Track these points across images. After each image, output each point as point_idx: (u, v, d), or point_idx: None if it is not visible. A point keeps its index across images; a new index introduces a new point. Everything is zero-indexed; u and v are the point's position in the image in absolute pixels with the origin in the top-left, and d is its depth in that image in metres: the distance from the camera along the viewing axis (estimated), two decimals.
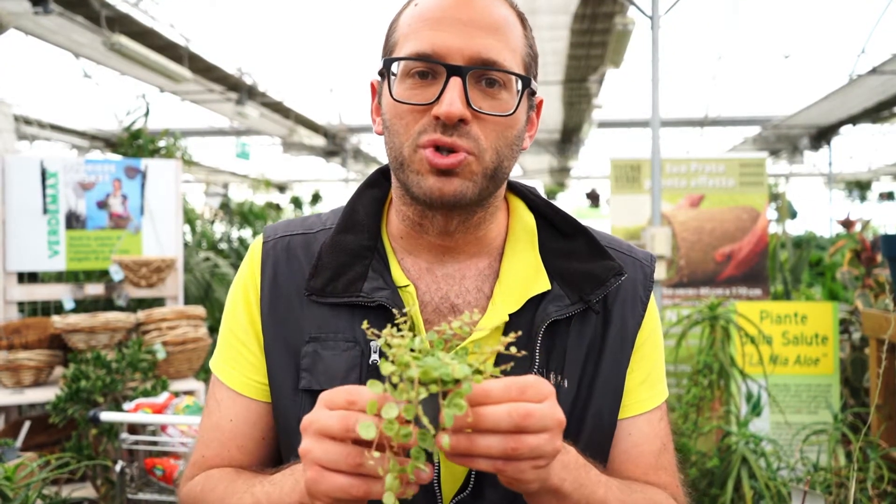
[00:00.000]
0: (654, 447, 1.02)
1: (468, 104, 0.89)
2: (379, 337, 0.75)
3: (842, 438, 2.68)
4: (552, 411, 0.71)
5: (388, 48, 0.97)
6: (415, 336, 0.74)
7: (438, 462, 0.95)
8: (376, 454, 0.67)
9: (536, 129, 1.05)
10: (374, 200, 1.06)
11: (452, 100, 0.87)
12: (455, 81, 0.88)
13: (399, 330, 0.76)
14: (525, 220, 1.06)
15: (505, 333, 0.98)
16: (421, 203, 0.94)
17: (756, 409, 3.05)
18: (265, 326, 1.02)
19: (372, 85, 1.03)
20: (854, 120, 13.52)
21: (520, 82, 0.93)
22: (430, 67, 0.90)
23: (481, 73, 0.90)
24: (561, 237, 1.05)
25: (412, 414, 0.67)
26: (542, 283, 1.00)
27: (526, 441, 0.69)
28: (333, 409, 0.71)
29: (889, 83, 10.42)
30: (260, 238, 1.08)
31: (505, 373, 0.94)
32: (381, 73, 0.97)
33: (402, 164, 0.93)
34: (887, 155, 17.87)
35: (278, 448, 1.06)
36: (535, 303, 0.98)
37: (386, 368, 0.69)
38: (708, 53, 10.40)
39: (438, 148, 0.90)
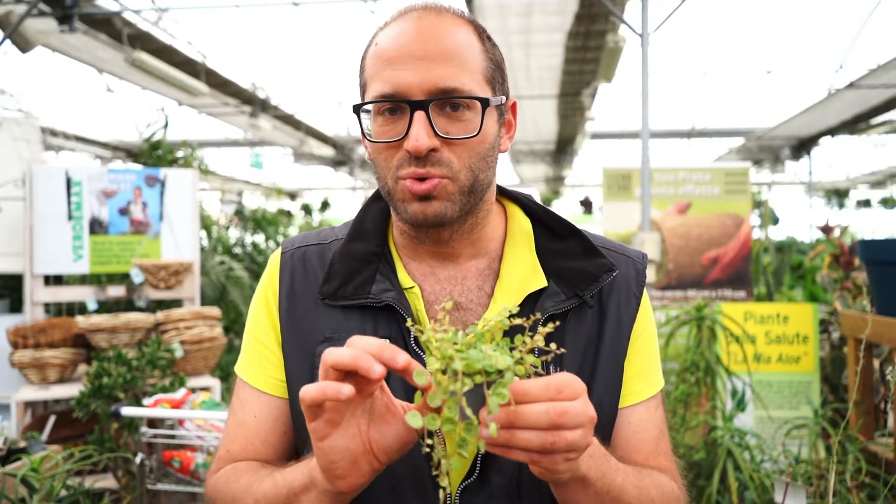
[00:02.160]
0: (652, 434, 1.04)
1: (435, 133, 0.91)
2: (422, 333, 0.76)
3: (822, 432, 2.68)
4: (585, 408, 0.73)
5: (361, 87, 1.00)
6: (457, 331, 0.74)
7: (446, 448, 0.95)
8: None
9: (515, 129, 1.06)
10: (380, 212, 1.09)
11: (419, 134, 0.90)
12: (419, 115, 0.90)
13: (437, 325, 0.77)
14: (521, 223, 1.08)
15: (505, 330, 0.99)
16: (410, 225, 0.98)
17: (741, 405, 3.05)
18: (283, 329, 1.04)
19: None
20: (833, 131, 13.52)
21: (480, 103, 0.94)
22: (396, 105, 0.92)
23: (442, 102, 0.92)
24: (555, 238, 1.06)
25: (455, 408, 0.68)
26: (539, 281, 1.01)
27: (562, 436, 0.71)
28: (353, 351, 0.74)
29: (866, 97, 10.42)
30: (279, 250, 1.11)
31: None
32: (356, 114, 0.99)
33: (389, 194, 0.97)
34: (864, 164, 17.88)
35: None
36: (532, 299, 1.00)
37: (432, 363, 0.69)
38: (695, 69, 10.41)
39: (418, 178, 0.93)
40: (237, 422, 1.06)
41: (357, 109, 0.96)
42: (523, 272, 1.02)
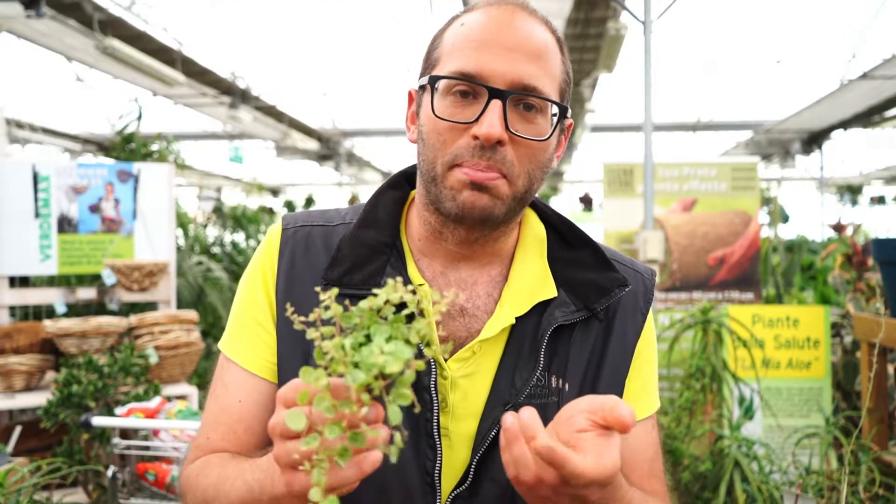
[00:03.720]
0: (648, 454, 1.06)
1: (506, 127, 0.92)
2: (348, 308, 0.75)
3: (833, 442, 2.69)
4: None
5: (431, 62, 1.00)
6: (350, 332, 0.72)
7: (440, 454, 0.97)
8: (306, 444, 0.67)
9: (564, 150, 1.08)
10: (395, 201, 1.09)
11: (492, 122, 0.91)
12: (496, 104, 0.92)
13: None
14: (536, 229, 1.09)
15: (510, 335, 1.01)
16: (450, 217, 0.97)
17: (748, 413, 3.06)
18: (279, 311, 1.03)
19: (410, 94, 1.06)
20: (845, 125, 13.59)
21: (556, 108, 0.96)
22: (472, 88, 0.93)
23: (520, 97, 0.93)
24: (569, 248, 1.08)
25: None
26: (550, 290, 1.03)
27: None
28: (290, 407, 0.72)
29: (880, 88, 10.48)
30: (279, 225, 1.10)
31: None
32: (422, 87, 1.00)
33: (435, 179, 0.97)
34: (878, 159, 17.98)
35: None
36: (541, 308, 1.01)
37: (313, 376, 0.68)
38: (700, 58, 10.45)
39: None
40: (219, 407, 1.04)
41: (434, 81, 0.96)
42: (533, 279, 1.04)
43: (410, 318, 0.75)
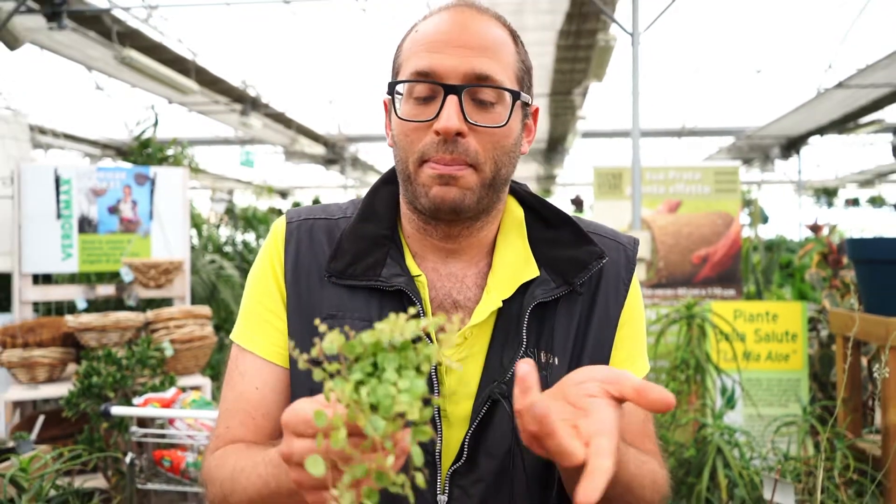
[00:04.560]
0: (639, 417, 1.05)
1: (465, 119, 0.92)
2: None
3: (810, 430, 2.70)
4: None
5: (395, 71, 1.01)
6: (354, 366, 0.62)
7: (441, 435, 0.97)
8: (335, 492, 0.60)
9: (534, 135, 1.07)
10: (390, 195, 1.08)
11: (449, 115, 0.91)
12: (452, 99, 0.92)
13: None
14: (515, 213, 1.09)
15: (498, 318, 1.00)
16: (426, 213, 0.98)
17: (730, 403, 3.06)
18: (289, 299, 1.03)
19: (384, 103, 1.06)
20: (822, 131, 13.60)
21: (510, 96, 0.96)
22: (430, 88, 0.94)
23: (476, 89, 0.93)
24: (548, 227, 1.07)
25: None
26: (532, 270, 1.02)
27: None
28: (301, 438, 0.67)
29: (854, 96, 10.49)
30: (283, 219, 1.09)
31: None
32: (389, 94, 1.00)
33: (409, 177, 0.97)
34: (853, 163, 17.99)
35: None
36: (524, 289, 1.01)
37: (324, 420, 0.60)
38: (685, 68, 10.45)
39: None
40: (236, 395, 1.02)
41: (392, 87, 0.97)
42: (516, 262, 1.03)
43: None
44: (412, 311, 0.67)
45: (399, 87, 0.97)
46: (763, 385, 3.23)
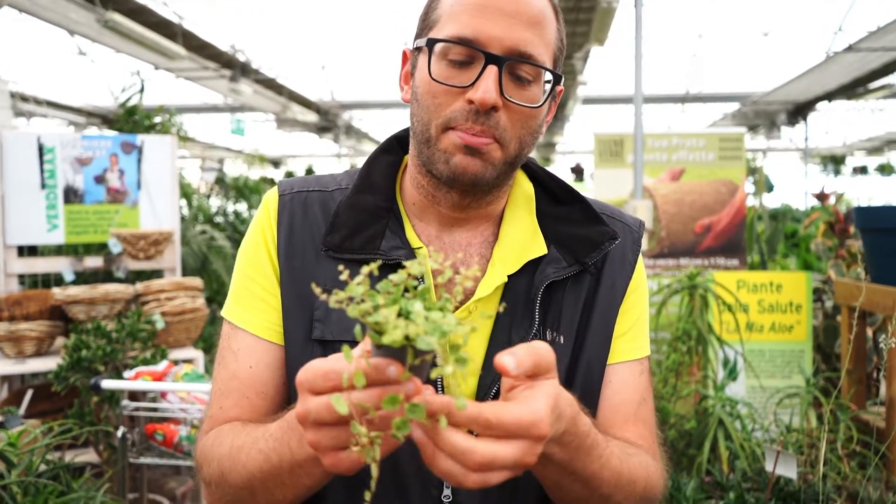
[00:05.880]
0: (633, 398, 1.04)
1: (501, 93, 0.91)
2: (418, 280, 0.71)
3: (813, 401, 2.72)
4: (516, 449, 0.67)
5: (428, 23, 0.98)
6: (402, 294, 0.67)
7: None
8: (362, 431, 0.63)
9: (553, 116, 1.06)
10: (389, 165, 1.07)
11: (488, 88, 0.89)
12: (492, 70, 0.90)
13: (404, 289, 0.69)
14: (524, 187, 1.08)
15: (503, 295, 0.99)
16: (442, 180, 0.96)
17: (732, 374, 3.08)
18: (282, 275, 1.02)
19: (404, 53, 1.04)
20: (830, 96, 13.51)
21: (549, 76, 0.95)
22: (469, 53, 0.92)
23: (516, 64, 0.92)
24: (557, 203, 1.07)
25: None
26: (540, 247, 1.02)
27: (487, 478, 0.67)
28: (318, 395, 0.68)
29: (864, 60, 10.40)
30: (275, 190, 1.07)
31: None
32: (417, 48, 0.98)
33: (428, 141, 0.95)
34: (861, 130, 17.92)
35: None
36: (533, 265, 1.01)
37: (374, 336, 0.64)
38: (689, 31, 10.35)
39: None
40: (229, 374, 1.02)
41: (431, 44, 0.94)
42: (523, 237, 1.03)
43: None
44: (413, 268, 0.67)
45: (424, 44, 0.94)
46: (766, 356, 3.25)
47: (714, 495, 2.12)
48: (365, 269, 0.68)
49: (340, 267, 0.74)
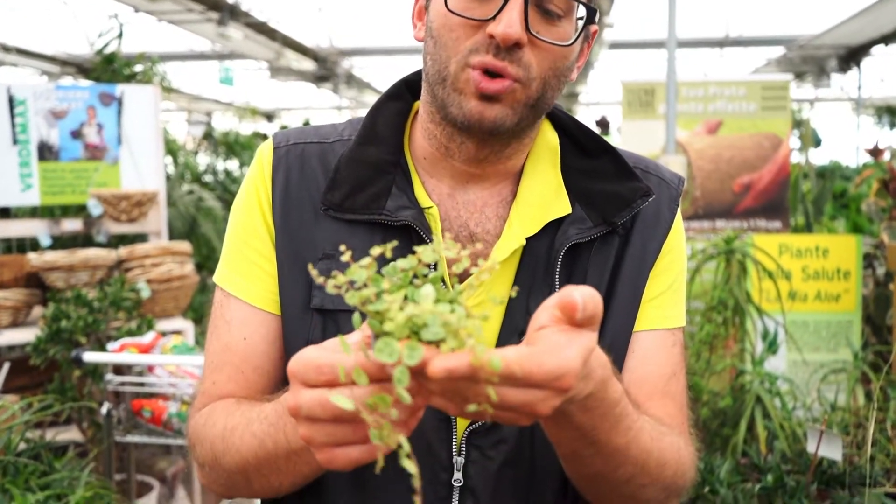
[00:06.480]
0: (662, 370, 1.02)
1: (526, 27, 0.88)
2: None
3: (861, 377, 2.72)
4: (532, 394, 0.64)
5: None
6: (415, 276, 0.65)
7: None
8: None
9: (585, 60, 1.03)
10: (397, 114, 1.05)
11: (511, 21, 0.86)
12: (516, 1, 0.87)
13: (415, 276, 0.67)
14: (548, 138, 1.05)
15: (522, 258, 0.98)
16: (456, 125, 0.94)
17: (772, 348, 3.08)
18: (277, 237, 1.01)
19: None
20: (887, 39, 13.26)
21: (583, 10, 0.92)
22: None
23: None
24: (586, 156, 1.04)
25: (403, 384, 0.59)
26: (563, 206, 1.00)
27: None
28: (312, 388, 0.66)
29: None
30: (269, 143, 1.06)
31: (518, 301, 0.94)
32: None
33: (445, 80, 0.92)
34: None
35: None
36: (554, 226, 0.99)
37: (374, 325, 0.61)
38: None
39: (487, 71, 0.89)
40: (222, 347, 1.01)
41: None
42: (545, 195, 1.01)
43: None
44: (426, 255, 0.65)
45: None
46: (810, 328, 3.25)
47: (750, 478, 2.14)
48: (375, 251, 0.65)
49: (343, 247, 0.71)
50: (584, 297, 0.66)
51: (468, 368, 0.57)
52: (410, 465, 0.60)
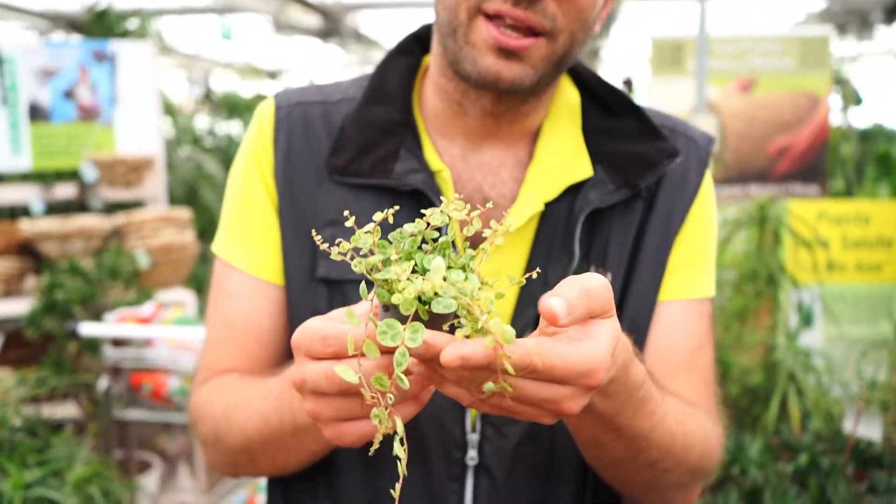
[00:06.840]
0: (688, 343, 1.00)
1: None
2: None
3: None
4: (556, 391, 0.62)
5: None
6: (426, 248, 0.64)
7: None
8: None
9: (607, 13, 1.00)
10: (406, 69, 1.03)
11: None
12: None
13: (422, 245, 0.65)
14: (568, 96, 1.03)
15: (540, 223, 0.96)
16: (469, 81, 0.91)
17: (807, 321, 3.07)
18: (280, 204, 1.00)
19: None
20: None
21: None
22: None
23: None
24: (609, 115, 1.02)
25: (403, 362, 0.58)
26: (583, 169, 0.98)
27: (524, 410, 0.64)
28: (317, 361, 0.65)
29: None
30: (270, 103, 1.05)
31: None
32: None
33: (456, 31, 0.89)
34: None
35: None
36: (573, 190, 0.97)
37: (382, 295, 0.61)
38: None
39: (504, 21, 0.85)
40: (223, 320, 1.01)
41: None
42: (564, 156, 0.99)
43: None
44: (435, 218, 0.63)
45: None
46: (849, 300, 3.23)
47: (782, 457, 2.15)
48: (378, 216, 0.64)
49: (346, 212, 0.70)
50: (567, 298, 0.60)
51: (484, 357, 0.55)
52: (401, 451, 0.59)
